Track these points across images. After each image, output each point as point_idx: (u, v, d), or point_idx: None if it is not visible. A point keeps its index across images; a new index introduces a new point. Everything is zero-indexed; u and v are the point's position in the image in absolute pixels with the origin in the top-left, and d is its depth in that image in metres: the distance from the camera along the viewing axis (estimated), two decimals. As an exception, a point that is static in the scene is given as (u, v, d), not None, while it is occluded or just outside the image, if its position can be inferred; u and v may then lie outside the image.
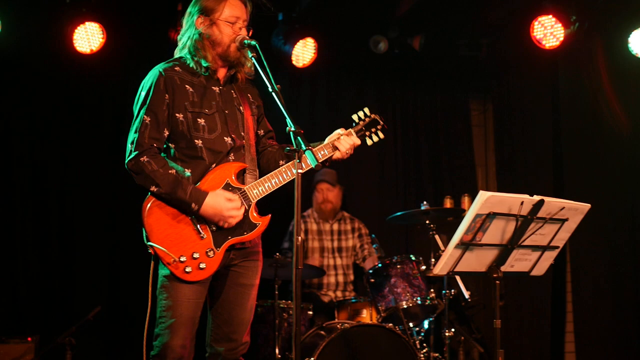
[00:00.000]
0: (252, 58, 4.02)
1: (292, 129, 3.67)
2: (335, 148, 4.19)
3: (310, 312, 6.60)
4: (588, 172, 7.68)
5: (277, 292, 6.30)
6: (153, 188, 3.89)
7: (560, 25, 7.21)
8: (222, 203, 3.91)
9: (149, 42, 7.24)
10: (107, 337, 7.17)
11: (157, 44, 7.03)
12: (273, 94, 3.81)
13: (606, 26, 7.44)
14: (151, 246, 3.90)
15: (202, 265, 3.91)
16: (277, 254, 6.33)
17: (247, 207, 4.04)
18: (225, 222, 3.94)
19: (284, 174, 4.09)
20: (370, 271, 6.51)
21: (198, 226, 3.95)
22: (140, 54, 7.14)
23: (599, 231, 7.44)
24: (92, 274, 7.23)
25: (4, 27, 6.66)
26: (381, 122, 4.40)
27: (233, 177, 4.04)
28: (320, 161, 4.06)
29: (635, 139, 7.42)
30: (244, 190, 4.04)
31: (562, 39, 7.26)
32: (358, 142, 4.28)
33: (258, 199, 4.07)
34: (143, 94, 4.04)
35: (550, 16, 7.21)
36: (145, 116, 3.96)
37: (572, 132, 7.84)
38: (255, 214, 4.07)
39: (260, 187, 4.07)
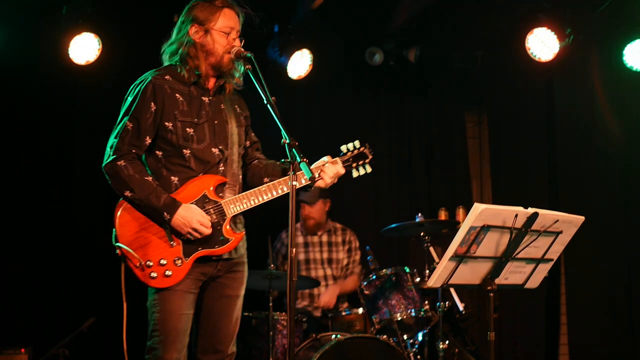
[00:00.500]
0: (248, 70, 4.02)
1: (287, 141, 3.67)
2: (319, 177, 4.19)
3: (305, 324, 6.58)
4: (582, 184, 7.69)
5: (271, 304, 6.28)
6: (127, 193, 3.89)
7: (555, 37, 7.23)
8: (193, 216, 3.90)
9: (145, 53, 7.20)
10: (101, 349, 7.14)
11: (153, 56, 7.01)
12: (268, 105, 3.81)
13: (601, 39, 7.47)
14: (119, 247, 3.89)
15: (168, 273, 3.89)
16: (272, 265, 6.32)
17: (221, 222, 4.02)
18: (190, 235, 3.91)
19: (265, 193, 4.09)
20: (365, 283, 6.51)
21: (169, 233, 3.94)
22: (136, 66, 7.10)
23: (594, 243, 7.44)
24: (87, 284, 7.22)
25: None
26: (369, 156, 4.39)
27: (211, 189, 4.03)
28: (312, 175, 4.04)
29: (630, 151, 7.43)
30: (220, 204, 4.03)
31: (556, 51, 7.27)
32: (342, 171, 4.28)
33: (234, 214, 4.06)
34: (129, 99, 4.04)
35: (545, 29, 7.23)
36: (128, 122, 3.97)
37: (567, 144, 7.86)
38: (228, 229, 4.05)
39: (237, 203, 4.06)
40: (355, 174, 4.37)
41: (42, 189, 7.22)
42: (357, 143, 4.38)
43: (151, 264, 3.88)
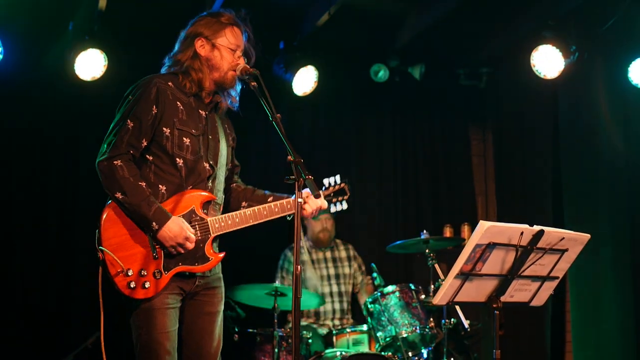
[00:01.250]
0: (253, 87, 4.00)
1: (293, 158, 3.66)
2: (320, 196, 4.18)
3: (310, 341, 6.57)
4: (588, 201, 7.68)
5: (275, 321, 6.28)
6: (118, 195, 3.81)
7: (560, 55, 7.24)
8: (181, 231, 3.85)
9: (150, 69, 7.24)
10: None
11: (158, 71, 7.03)
12: (274, 123, 3.81)
13: (606, 56, 7.47)
14: (101, 251, 3.82)
15: (147, 285, 3.82)
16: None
17: (204, 239, 3.99)
18: (175, 249, 3.87)
19: (250, 216, 4.08)
20: (370, 299, 6.50)
21: (153, 245, 3.87)
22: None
23: (600, 260, 7.42)
24: (91, 300, 7.20)
25: (6, 53, 6.69)
26: (348, 193, 4.40)
27: (199, 206, 3.99)
28: (317, 192, 4.02)
29: (635, 168, 7.41)
30: (206, 222, 4.00)
31: (561, 69, 7.28)
32: (325, 205, 4.29)
33: (218, 233, 4.03)
34: (132, 98, 3.99)
35: (550, 46, 7.24)
36: (129, 121, 3.91)
37: (572, 161, 7.85)
38: (211, 249, 4.02)
39: (222, 223, 4.03)
40: (333, 209, 4.38)
41: (45, 203, 7.23)
42: (337, 178, 4.37)
43: (131, 272, 3.80)
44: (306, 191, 4.14)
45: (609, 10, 6.90)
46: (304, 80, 7.59)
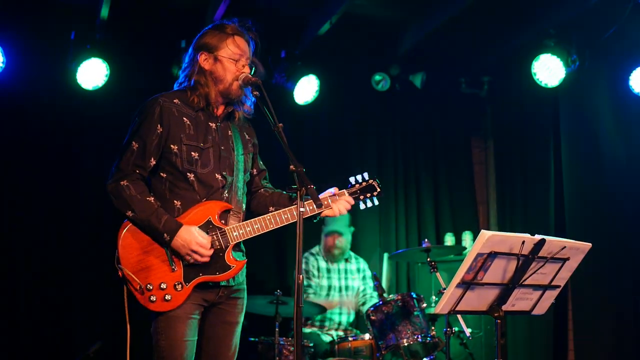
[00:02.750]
0: (255, 96, 4.02)
1: (295, 167, 3.67)
2: (326, 205, 4.15)
3: (312, 350, 6.57)
4: (589, 209, 7.68)
5: (277, 329, 6.28)
6: (129, 213, 3.88)
7: (560, 64, 7.26)
8: (193, 238, 3.88)
9: (152, 78, 7.29)
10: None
11: (160, 80, 7.06)
12: (275, 132, 3.82)
13: (607, 65, 7.49)
14: (120, 269, 3.89)
15: (168, 297, 3.87)
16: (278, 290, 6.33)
17: (224, 248, 4.01)
18: (190, 257, 3.89)
19: (269, 222, 4.06)
20: (372, 308, 6.49)
21: (171, 258, 3.91)
22: (143, 90, 7.12)
23: (601, 268, 7.42)
24: (93, 308, 7.22)
25: (8, 63, 6.71)
26: (378, 189, 4.36)
27: (216, 216, 4.01)
28: (320, 202, 4.01)
29: (636, 176, 7.42)
30: (224, 231, 4.01)
31: (562, 77, 7.31)
32: (352, 201, 4.25)
33: (237, 241, 4.03)
34: (137, 120, 4.02)
35: (551, 55, 7.27)
36: (133, 142, 3.96)
37: (573, 169, 7.86)
38: (231, 257, 4.03)
39: (241, 231, 4.03)
40: (362, 206, 4.34)
41: (46, 211, 7.24)
42: (366, 175, 4.35)
43: (151, 287, 3.86)
44: (327, 191, 4.16)
45: (609, 19, 6.92)
46: (306, 89, 7.62)
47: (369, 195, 4.32)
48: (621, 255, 7.46)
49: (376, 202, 4.34)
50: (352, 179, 4.30)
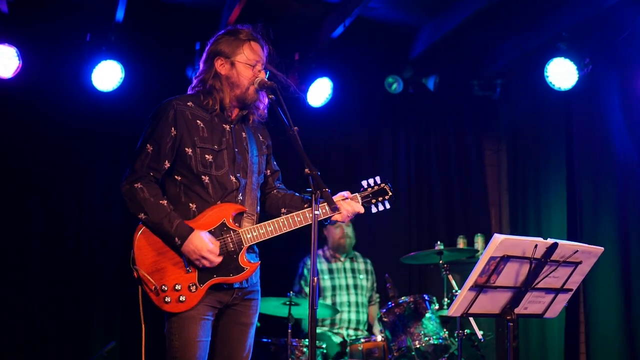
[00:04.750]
0: (271, 99, 4.05)
1: (310, 171, 3.70)
2: (337, 209, 4.14)
3: (324, 351, 6.59)
4: (602, 212, 7.67)
5: (290, 330, 6.30)
6: (142, 215, 3.92)
7: (573, 67, 7.27)
8: (203, 245, 3.91)
9: (167, 79, 7.33)
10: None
11: (175, 82, 7.11)
12: (290, 135, 3.85)
13: (620, 68, 7.48)
14: (136, 270, 3.93)
15: (182, 298, 3.91)
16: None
17: (237, 250, 4.04)
18: (200, 262, 3.93)
19: (283, 225, 4.09)
20: (384, 310, 6.52)
21: (186, 259, 3.95)
22: (158, 92, 7.21)
23: (613, 272, 7.41)
24: (107, 309, 7.26)
25: (24, 65, 6.75)
26: (390, 193, 4.37)
27: (230, 219, 4.04)
28: (334, 205, 4.03)
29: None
30: (238, 232, 4.04)
31: (575, 80, 7.31)
32: (361, 210, 4.25)
33: (251, 243, 4.06)
34: (151, 122, 4.07)
35: (564, 58, 7.27)
36: (148, 145, 4.00)
37: (586, 172, 7.84)
38: (245, 259, 4.06)
39: (255, 233, 4.06)
40: (374, 209, 4.34)
41: (61, 212, 7.28)
42: (378, 179, 4.37)
43: (166, 288, 3.91)
44: (340, 195, 4.18)
45: (622, 22, 6.92)
46: (319, 92, 7.65)
47: (380, 199, 4.33)
48: (633, 258, 7.45)
49: (388, 206, 4.35)
50: (364, 183, 4.32)
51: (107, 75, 7.04)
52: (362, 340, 6.73)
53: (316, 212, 3.70)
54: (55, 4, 7.12)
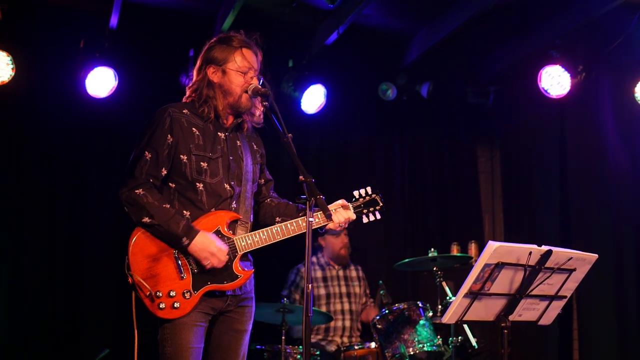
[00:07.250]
0: (265, 106, 4.06)
1: (304, 178, 3.70)
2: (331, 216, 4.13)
3: (318, 358, 6.58)
4: (595, 220, 7.69)
5: (283, 337, 6.29)
6: (146, 219, 3.90)
7: (566, 74, 7.28)
8: (211, 243, 3.92)
9: (161, 86, 7.32)
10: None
11: (169, 89, 7.09)
12: (285, 142, 3.85)
13: (613, 75, 7.51)
14: (131, 275, 3.91)
15: (176, 305, 3.90)
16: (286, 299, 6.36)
17: (232, 257, 4.03)
18: (208, 261, 3.92)
19: (277, 233, 4.09)
20: (377, 317, 6.51)
21: (180, 266, 3.95)
22: (152, 99, 7.17)
23: (606, 279, 7.43)
24: (100, 315, 7.24)
25: (17, 71, 6.74)
26: (380, 203, 4.38)
27: (225, 226, 4.05)
28: (329, 212, 4.03)
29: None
30: (232, 240, 4.04)
31: (568, 87, 7.33)
32: (353, 217, 4.27)
33: (245, 251, 4.06)
34: (148, 130, 4.06)
35: (557, 65, 7.29)
36: (146, 152, 3.99)
37: (579, 179, 7.87)
38: (239, 266, 4.06)
39: (249, 240, 4.07)
40: (365, 220, 4.36)
41: (54, 218, 7.26)
42: (369, 189, 4.37)
43: (160, 294, 3.89)
44: (335, 203, 4.19)
45: (616, 29, 6.94)
46: (313, 99, 7.65)
47: (371, 209, 4.35)
48: (627, 266, 7.47)
49: (378, 216, 4.37)
50: (355, 193, 4.33)
51: (101, 82, 7.02)
52: (356, 347, 6.73)
53: (310, 220, 3.69)
54: (49, 10, 7.09)
